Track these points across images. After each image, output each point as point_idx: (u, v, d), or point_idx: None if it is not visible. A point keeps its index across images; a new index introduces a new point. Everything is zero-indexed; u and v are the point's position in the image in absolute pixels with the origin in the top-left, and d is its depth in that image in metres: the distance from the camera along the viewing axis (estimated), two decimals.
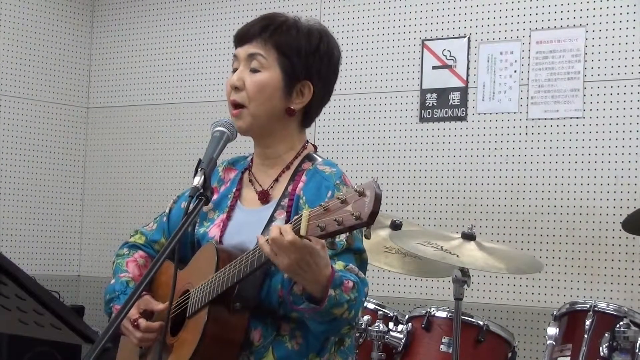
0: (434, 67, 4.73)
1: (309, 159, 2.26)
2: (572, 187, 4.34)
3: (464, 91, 4.63)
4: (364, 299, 2.06)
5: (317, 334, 2.09)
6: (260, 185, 2.26)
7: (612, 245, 4.23)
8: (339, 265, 2.04)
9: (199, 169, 1.98)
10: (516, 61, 4.52)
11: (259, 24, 2.22)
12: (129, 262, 2.37)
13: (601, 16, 4.34)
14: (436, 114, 4.70)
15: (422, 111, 4.74)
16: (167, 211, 2.40)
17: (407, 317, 3.58)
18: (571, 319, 3.42)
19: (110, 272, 2.39)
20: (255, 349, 2.11)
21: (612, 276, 4.22)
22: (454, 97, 4.65)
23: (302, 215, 1.86)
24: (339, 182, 2.16)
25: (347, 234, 1.83)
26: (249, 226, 2.19)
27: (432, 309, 3.51)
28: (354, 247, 2.08)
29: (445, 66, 4.70)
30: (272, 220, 2.16)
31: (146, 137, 5.66)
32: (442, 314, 3.50)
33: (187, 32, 5.55)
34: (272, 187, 2.24)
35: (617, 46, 4.30)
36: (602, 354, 3.22)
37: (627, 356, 3.18)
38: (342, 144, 4.94)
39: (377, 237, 3.52)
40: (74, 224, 5.82)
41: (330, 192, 2.12)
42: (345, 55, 2.89)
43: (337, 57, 2.27)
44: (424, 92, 4.75)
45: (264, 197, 2.23)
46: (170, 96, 5.59)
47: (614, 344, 3.21)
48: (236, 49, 2.26)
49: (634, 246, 4.18)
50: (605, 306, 3.34)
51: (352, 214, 1.76)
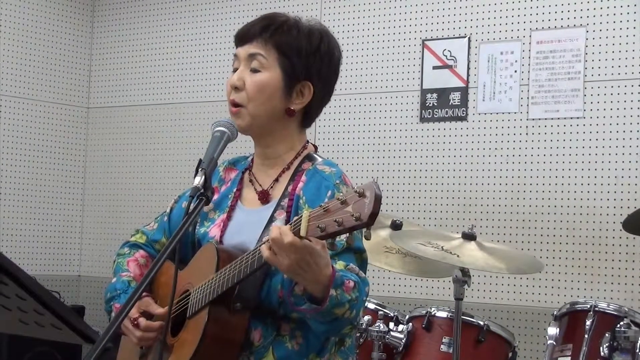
0: (435, 67, 4.73)
1: (309, 159, 2.26)
2: (572, 187, 4.34)
3: (464, 91, 4.63)
4: (365, 299, 2.05)
5: (319, 334, 2.09)
6: (260, 185, 2.26)
7: (613, 245, 4.22)
8: (339, 265, 2.04)
9: (200, 169, 1.98)
10: (516, 61, 4.52)
11: (259, 24, 2.22)
12: (130, 261, 2.37)
13: (601, 16, 4.34)
14: (436, 114, 4.70)
15: (423, 111, 4.74)
16: (168, 211, 2.40)
17: (407, 317, 3.57)
18: (571, 319, 3.42)
19: (110, 272, 2.39)
20: (255, 349, 2.10)
21: (612, 276, 4.22)
22: (455, 97, 4.65)
23: (302, 216, 1.85)
24: (338, 182, 2.16)
25: (347, 234, 1.83)
26: (249, 226, 2.19)
27: (433, 309, 3.51)
28: (354, 246, 2.08)
29: (445, 66, 4.70)
30: (272, 220, 2.16)
31: (146, 137, 5.66)
32: (443, 314, 3.50)
33: (187, 32, 5.55)
34: (272, 187, 2.24)
35: (618, 46, 4.30)
36: (602, 354, 3.22)
37: (628, 356, 3.18)
38: (342, 144, 4.93)
39: (377, 237, 3.52)
40: (74, 224, 5.82)
41: (330, 192, 2.12)
42: (345, 55, 2.89)
43: (338, 58, 2.27)
44: (424, 92, 4.74)
45: (264, 197, 2.23)
46: (170, 96, 5.59)
47: (615, 344, 3.21)
48: (236, 48, 2.25)
49: (634, 246, 4.18)
50: (605, 306, 3.34)
51: (352, 215, 1.76)
